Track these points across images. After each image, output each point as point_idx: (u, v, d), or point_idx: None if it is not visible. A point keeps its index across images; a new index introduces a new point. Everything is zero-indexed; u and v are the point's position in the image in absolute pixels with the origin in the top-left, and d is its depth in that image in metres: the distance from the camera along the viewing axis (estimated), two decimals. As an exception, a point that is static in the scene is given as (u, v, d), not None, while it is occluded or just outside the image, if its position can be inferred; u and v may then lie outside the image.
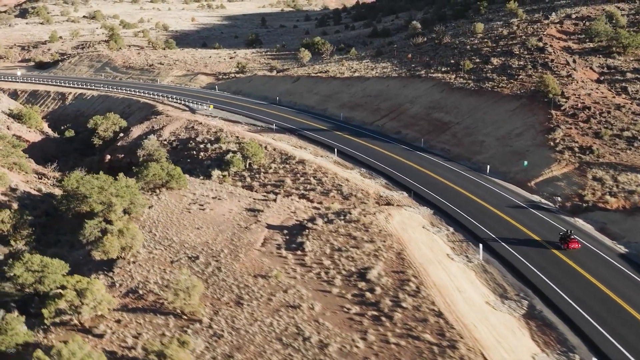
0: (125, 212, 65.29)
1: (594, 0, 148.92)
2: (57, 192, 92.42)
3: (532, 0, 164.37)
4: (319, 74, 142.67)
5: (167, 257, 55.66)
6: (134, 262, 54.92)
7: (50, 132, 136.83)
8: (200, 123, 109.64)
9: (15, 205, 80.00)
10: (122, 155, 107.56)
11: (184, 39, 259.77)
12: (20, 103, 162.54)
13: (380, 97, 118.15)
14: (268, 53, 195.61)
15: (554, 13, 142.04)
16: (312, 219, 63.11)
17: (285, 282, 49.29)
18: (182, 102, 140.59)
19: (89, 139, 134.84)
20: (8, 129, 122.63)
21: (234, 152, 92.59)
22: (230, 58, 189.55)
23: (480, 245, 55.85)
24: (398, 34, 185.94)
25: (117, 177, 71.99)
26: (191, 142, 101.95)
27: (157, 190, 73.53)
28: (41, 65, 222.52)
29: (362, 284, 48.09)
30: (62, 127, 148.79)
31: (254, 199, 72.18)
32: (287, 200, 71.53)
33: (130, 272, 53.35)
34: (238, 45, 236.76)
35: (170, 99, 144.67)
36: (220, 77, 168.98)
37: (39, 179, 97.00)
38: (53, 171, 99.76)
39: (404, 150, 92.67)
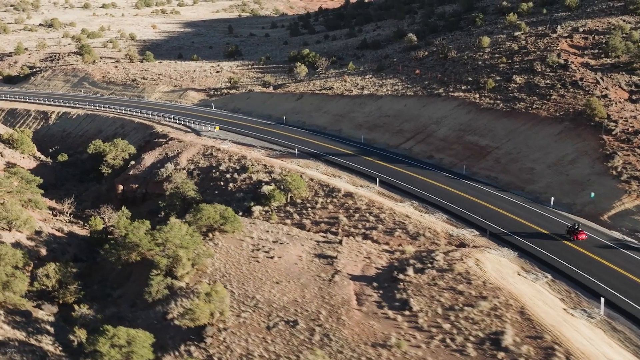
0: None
1: (595, 13, 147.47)
2: (76, 229, 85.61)
3: (529, 12, 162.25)
4: (323, 91, 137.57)
5: (260, 322, 50.02)
6: (224, 329, 49.16)
7: (42, 157, 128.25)
8: (219, 149, 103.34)
9: (43, 251, 73.35)
10: (136, 185, 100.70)
11: (156, 50, 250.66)
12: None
13: (400, 117, 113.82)
14: (255, 66, 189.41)
15: (559, 26, 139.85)
16: (397, 268, 58.27)
17: (412, 354, 44.36)
18: (181, 122, 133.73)
19: (86, 164, 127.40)
20: (1, 155, 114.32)
21: (267, 182, 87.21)
22: (217, 72, 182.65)
23: (602, 299, 51.63)
24: (389, 46, 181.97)
25: (166, 221, 66.39)
26: (214, 171, 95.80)
27: (210, 235, 67.46)
28: (10, 80, 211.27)
29: (500, 354, 43.47)
30: (50, 150, 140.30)
31: (316, 241, 66.86)
32: (352, 242, 66.41)
33: (225, 342, 47.64)
34: (216, 56, 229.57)
35: (166, 119, 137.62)
36: (212, 93, 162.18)
37: (54, 215, 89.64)
38: (69, 206, 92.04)
39: (447, 178, 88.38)
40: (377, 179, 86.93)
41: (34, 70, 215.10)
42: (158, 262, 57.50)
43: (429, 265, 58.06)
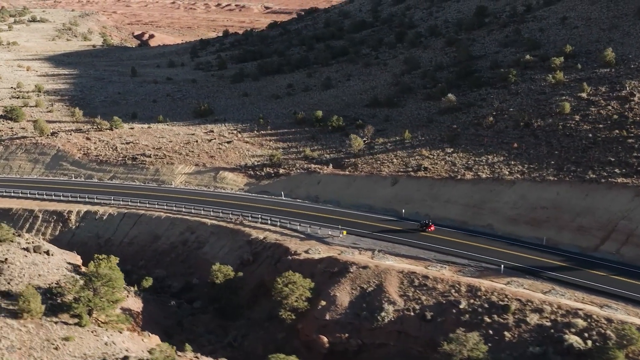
0: None
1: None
2: None
3: (561, 67, 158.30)
4: (420, 173, 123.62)
5: None
6: None
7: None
8: (427, 276, 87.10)
9: None
10: (346, 335, 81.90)
11: (87, 107, 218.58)
12: None
13: (562, 209, 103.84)
14: (261, 131, 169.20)
15: (627, 87, 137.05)
16: None
17: None
18: (277, 223, 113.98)
19: (186, 288, 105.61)
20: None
21: (553, 327, 74.23)
22: (228, 142, 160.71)
23: None
24: (408, 104, 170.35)
25: None
26: (454, 311, 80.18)
27: None
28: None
29: None
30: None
31: None
32: None
33: None
34: (180, 115, 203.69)
35: (247, 218, 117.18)
36: (253, 173, 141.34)
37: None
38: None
39: None
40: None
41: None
42: None
43: None
